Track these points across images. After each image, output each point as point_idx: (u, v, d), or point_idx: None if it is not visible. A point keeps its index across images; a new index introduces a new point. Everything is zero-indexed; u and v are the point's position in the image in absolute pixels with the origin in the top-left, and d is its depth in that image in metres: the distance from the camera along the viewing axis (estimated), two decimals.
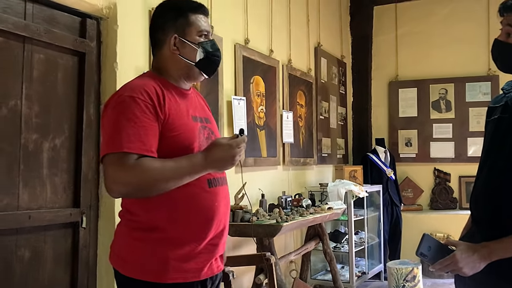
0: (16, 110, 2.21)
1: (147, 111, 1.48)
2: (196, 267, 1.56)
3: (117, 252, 1.60)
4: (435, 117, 6.08)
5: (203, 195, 1.57)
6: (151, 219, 1.54)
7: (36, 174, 2.29)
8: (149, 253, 1.52)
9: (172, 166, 1.47)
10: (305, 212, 3.66)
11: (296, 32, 4.82)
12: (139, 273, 1.52)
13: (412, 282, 4.57)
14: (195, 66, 1.66)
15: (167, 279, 1.51)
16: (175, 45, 1.64)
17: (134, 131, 1.44)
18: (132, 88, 1.52)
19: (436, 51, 6.03)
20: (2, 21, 2.12)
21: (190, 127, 1.60)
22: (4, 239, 2.14)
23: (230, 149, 1.51)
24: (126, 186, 1.44)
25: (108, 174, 1.46)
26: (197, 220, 1.56)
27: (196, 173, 1.51)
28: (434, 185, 6.01)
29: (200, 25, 1.66)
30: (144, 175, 1.43)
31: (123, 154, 1.42)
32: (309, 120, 5.00)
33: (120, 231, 1.62)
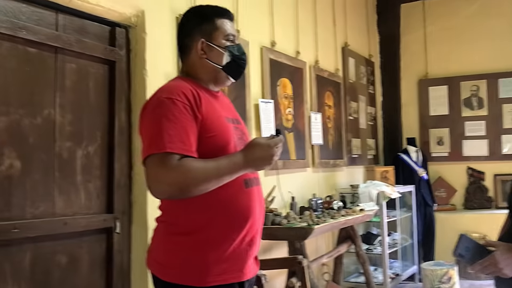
0: (50, 119, 2.26)
1: (185, 112, 1.50)
2: (235, 269, 1.57)
3: (156, 258, 1.61)
4: (467, 114, 5.94)
5: (241, 196, 1.58)
6: (190, 222, 1.55)
7: (70, 181, 2.34)
8: (189, 257, 1.53)
9: (214, 166, 1.48)
10: (337, 214, 3.63)
11: (323, 32, 4.79)
12: (179, 278, 1.53)
13: (447, 283, 4.47)
14: (222, 70, 1.69)
15: (207, 282, 1.52)
16: (203, 50, 1.67)
17: (175, 132, 1.46)
18: (170, 90, 1.54)
19: (466, 47, 5.90)
20: (36, 32, 2.18)
21: (226, 127, 1.62)
22: (42, 245, 2.19)
23: (269, 149, 1.52)
24: (169, 186, 1.44)
25: (151, 174, 1.47)
26: (236, 220, 1.57)
27: (236, 173, 1.52)
28: (468, 184, 5.88)
29: (226, 29, 1.69)
30: (187, 175, 1.44)
31: (165, 155, 1.44)
32: (338, 121, 4.96)
33: (158, 236, 1.63)
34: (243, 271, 1.60)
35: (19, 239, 2.08)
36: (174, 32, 2.88)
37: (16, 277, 2.08)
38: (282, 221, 3.22)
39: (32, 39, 2.17)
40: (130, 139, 2.66)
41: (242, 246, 1.59)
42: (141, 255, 2.60)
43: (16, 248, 2.08)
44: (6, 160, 2.07)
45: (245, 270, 1.61)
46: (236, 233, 1.57)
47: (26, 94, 2.17)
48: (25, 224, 2.10)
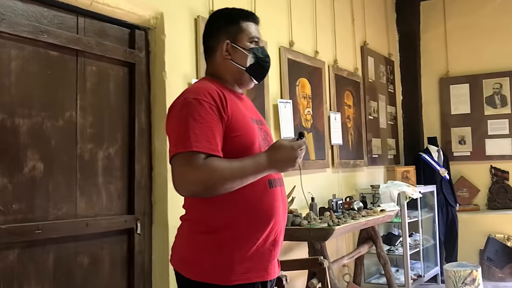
0: (71, 121, 2.29)
1: (211, 112, 1.53)
2: (258, 268, 1.58)
3: (180, 255, 1.63)
4: (489, 113, 5.84)
5: (265, 196, 1.60)
6: (214, 221, 1.56)
7: (92, 182, 2.36)
8: (213, 256, 1.55)
9: (238, 166, 1.50)
10: (357, 215, 3.60)
11: (341, 31, 4.76)
12: (204, 276, 1.55)
13: (471, 285, 4.40)
14: (246, 71, 1.71)
15: (231, 281, 1.54)
16: (227, 51, 1.70)
17: (201, 131, 1.49)
18: (196, 91, 1.57)
19: (488, 44, 5.80)
20: (57, 36, 2.21)
21: (251, 128, 1.64)
22: (65, 246, 2.22)
23: (293, 151, 1.55)
24: (194, 185, 1.46)
25: (177, 173, 1.49)
26: (260, 220, 1.58)
27: (260, 173, 1.54)
28: (491, 184, 5.77)
29: (251, 32, 1.73)
30: (213, 174, 1.46)
31: (191, 153, 1.46)
32: (357, 120, 4.92)
33: (182, 234, 1.65)
34: (268, 271, 1.61)
35: (42, 240, 2.11)
36: (193, 34, 2.89)
37: (40, 277, 2.11)
38: (302, 222, 3.20)
39: (54, 43, 2.20)
40: (150, 140, 2.67)
41: (266, 245, 1.60)
42: (162, 256, 2.61)
43: (39, 249, 2.11)
44: (30, 162, 2.10)
45: (269, 270, 1.62)
46: (260, 232, 1.58)
47: (48, 97, 2.20)
48: (48, 225, 2.12)
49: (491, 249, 5.05)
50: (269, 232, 1.60)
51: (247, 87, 1.80)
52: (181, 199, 1.72)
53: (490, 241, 5.14)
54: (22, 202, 2.06)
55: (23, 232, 2.03)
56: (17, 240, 2.01)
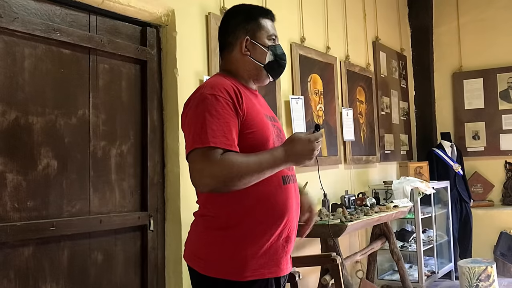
0: (84, 119, 2.30)
1: (228, 108, 1.53)
2: (271, 264, 1.58)
3: (194, 251, 1.63)
4: (504, 107, 5.76)
5: (279, 192, 1.60)
6: (228, 217, 1.57)
7: (105, 179, 2.38)
8: (227, 252, 1.55)
9: (256, 160, 1.50)
10: (370, 211, 3.58)
11: (353, 27, 4.73)
12: (218, 272, 1.55)
13: (486, 281, 4.35)
14: (264, 68, 1.73)
15: (245, 277, 1.54)
16: (247, 47, 1.71)
17: (217, 127, 1.49)
18: (212, 87, 1.57)
19: (502, 38, 5.72)
20: (69, 34, 2.23)
21: (265, 124, 1.64)
22: (79, 243, 2.23)
23: (310, 143, 1.55)
24: (213, 179, 1.46)
25: (195, 168, 1.49)
26: (273, 216, 1.58)
27: (277, 167, 1.54)
28: (506, 179, 5.70)
29: (269, 29, 1.74)
30: (231, 169, 1.46)
31: (208, 149, 1.47)
32: (370, 116, 4.89)
33: (196, 230, 1.65)
34: (280, 267, 1.61)
35: (57, 237, 2.14)
36: (204, 31, 2.89)
37: (54, 274, 2.13)
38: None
39: (66, 41, 2.21)
40: (163, 138, 2.68)
41: (279, 242, 1.60)
42: (175, 252, 2.62)
43: (54, 245, 2.13)
44: (44, 159, 2.12)
45: (282, 266, 1.62)
46: (274, 228, 1.58)
47: (61, 95, 2.21)
48: (62, 222, 2.14)
49: (504, 245, 5.00)
50: (283, 228, 1.60)
51: (262, 84, 1.81)
52: (193, 196, 1.72)
53: (503, 236, 5.08)
54: (37, 200, 2.08)
55: (37, 229, 2.05)
56: (32, 237, 2.03)
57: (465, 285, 4.44)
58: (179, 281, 2.60)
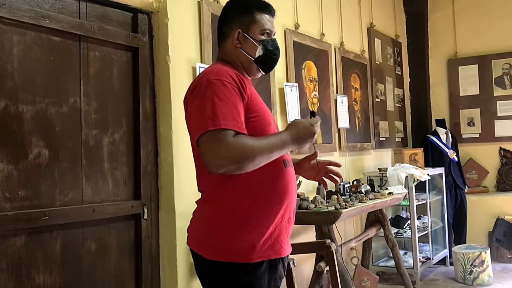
0: (75, 107, 2.27)
1: (234, 92, 1.58)
2: (276, 245, 1.64)
3: (198, 237, 1.66)
4: (499, 94, 5.76)
5: (281, 175, 1.66)
6: (233, 202, 1.60)
7: (97, 168, 2.36)
8: (234, 235, 1.59)
9: (266, 142, 1.55)
10: (365, 198, 3.58)
11: (348, 13, 4.69)
12: (225, 256, 1.58)
13: (480, 267, 4.39)
14: (254, 62, 1.76)
15: (253, 258, 1.58)
16: (238, 40, 1.74)
17: (227, 110, 1.53)
18: (218, 73, 1.61)
19: (497, 24, 5.70)
20: (59, 21, 2.19)
21: (266, 110, 1.70)
22: (72, 232, 2.22)
23: (311, 127, 1.64)
24: (227, 160, 1.49)
25: (208, 150, 1.51)
26: (276, 198, 1.63)
27: (284, 149, 1.60)
28: (501, 166, 5.72)
29: (263, 24, 1.76)
30: (244, 150, 1.50)
31: (221, 131, 1.50)
32: (364, 103, 4.87)
33: (200, 217, 1.68)
34: (284, 247, 1.67)
35: (49, 226, 2.12)
36: (196, 17, 2.85)
37: (47, 263, 2.11)
38: (309, 205, 3.19)
39: (56, 28, 2.18)
40: (155, 126, 2.66)
41: (283, 223, 1.66)
42: (169, 241, 2.61)
43: (46, 235, 2.12)
44: (35, 148, 2.09)
45: (285, 246, 1.68)
46: (278, 210, 1.63)
47: (51, 83, 2.18)
48: (55, 211, 2.13)
49: (500, 230, 5.02)
50: (285, 210, 1.66)
51: (254, 77, 1.84)
52: (187, 185, 1.72)
53: (499, 222, 5.10)
54: (28, 189, 2.06)
55: (30, 219, 2.03)
56: (24, 226, 2.02)
57: (459, 271, 4.48)
58: (173, 270, 2.60)
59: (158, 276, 2.62)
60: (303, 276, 3.62)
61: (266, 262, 1.61)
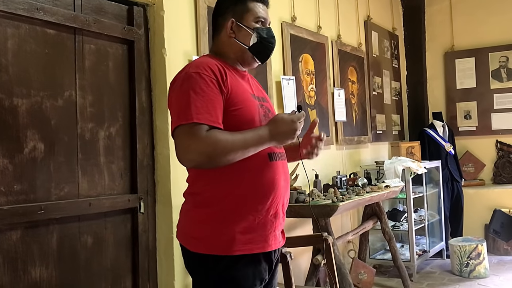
0: (71, 100, 2.26)
1: (212, 85, 1.55)
2: (259, 239, 1.61)
3: (184, 230, 1.66)
4: (495, 87, 5.76)
5: (265, 168, 1.63)
6: (215, 193, 1.60)
7: (93, 162, 2.34)
8: (215, 228, 1.58)
9: (241, 137, 1.53)
10: (362, 191, 3.58)
11: (344, 6, 4.67)
12: (206, 248, 1.58)
13: (476, 259, 4.40)
14: (249, 50, 1.73)
15: (234, 251, 1.57)
16: (232, 29, 1.72)
17: (202, 104, 1.51)
18: (197, 65, 1.60)
19: (494, 17, 5.69)
20: (53, 13, 2.17)
21: (251, 102, 1.66)
22: (68, 226, 2.21)
23: (292, 123, 1.59)
24: (198, 155, 1.49)
25: (180, 144, 1.52)
26: (259, 192, 1.61)
27: (261, 145, 1.58)
28: (497, 158, 5.73)
29: (257, 12, 1.74)
30: (216, 145, 1.49)
31: (193, 125, 1.49)
32: (361, 96, 4.86)
33: (185, 209, 1.68)
34: (268, 242, 1.64)
35: (45, 221, 2.11)
36: (192, 10, 2.83)
37: (43, 257, 2.11)
38: (306, 198, 3.19)
39: (50, 20, 2.16)
40: (152, 119, 2.65)
41: (268, 218, 1.63)
42: (166, 235, 2.61)
43: (42, 229, 2.11)
44: (30, 142, 2.08)
45: (270, 241, 1.64)
46: (261, 204, 1.61)
47: (46, 76, 2.16)
48: (51, 205, 2.12)
49: (497, 222, 5.03)
50: (270, 205, 1.63)
51: (250, 67, 1.81)
52: (184, 178, 1.71)
53: (496, 214, 5.11)
54: (24, 183, 2.05)
55: (25, 213, 2.02)
56: (20, 220, 2.01)
57: (456, 263, 4.49)
58: (170, 263, 2.59)
59: (155, 270, 2.62)
60: (300, 269, 3.62)
61: (248, 256, 1.59)
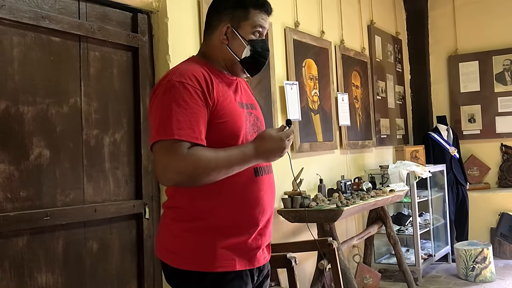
0: (76, 107, 2.28)
1: (196, 97, 1.44)
2: (243, 256, 1.54)
3: (164, 245, 1.57)
4: (500, 90, 5.75)
5: (250, 184, 1.54)
6: (197, 209, 1.51)
7: (98, 168, 2.36)
8: (197, 243, 1.50)
9: (224, 156, 1.44)
10: (366, 196, 3.58)
11: (348, 11, 4.69)
12: (188, 264, 1.50)
13: (482, 263, 4.38)
14: (239, 63, 1.61)
15: (216, 267, 1.49)
16: (226, 35, 1.59)
17: (184, 118, 1.41)
18: (181, 73, 1.47)
19: (498, 20, 5.69)
20: (58, 21, 2.19)
21: (238, 114, 1.56)
22: (74, 232, 2.22)
23: (280, 142, 1.50)
24: (177, 175, 1.39)
25: (159, 161, 1.41)
26: (243, 209, 1.53)
27: (246, 164, 1.49)
28: (502, 162, 5.72)
29: (256, 21, 1.60)
30: (197, 165, 1.39)
31: (174, 141, 1.39)
32: (365, 101, 4.87)
33: (165, 223, 1.59)
34: (252, 260, 1.56)
35: (51, 227, 2.12)
36: (196, 16, 2.85)
37: (49, 264, 2.12)
38: (311, 203, 3.20)
39: (56, 28, 2.18)
40: None
41: (251, 234, 1.55)
42: None
43: (48, 235, 2.12)
44: (36, 149, 2.10)
45: (254, 257, 1.57)
46: (245, 220, 1.53)
47: (51, 84, 2.18)
48: (56, 211, 2.13)
49: (505, 225, 5.01)
50: (254, 220, 1.55)
51: (238, 77, 1.67)
52: None
53: (504, 217, 5.09)
54: (30, 189, 2.07)
55: (31, 219, 2.03)
56: (26, 227, 2.02)
57: (461, 268, 4.47)
58: None
59: (160, 275, 2.62)
60: (305, 274, 3.62)
61: (232, 273, 1.51)
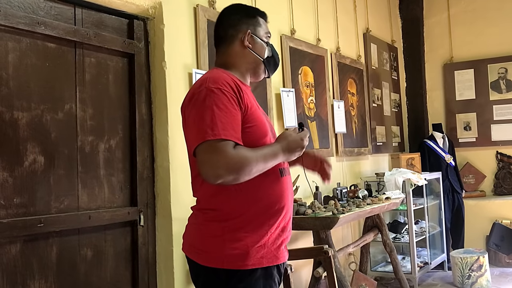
0: (71, 113, 2.27)
1: (233, 102, 1.57)
2: (270, 253, 1.63)
3: (194, 244, 1.66)
4: (495, 98, 5.78)
5: (277, 184, 1.67)
6: (229, 209, 1.61)
7: (93, 175, 2.35)
8: (229, 242, 1.58)
9: (261, 154, 1.56)
10: (362, 203, 3.57)
11: (343, 18, 4.70)
12: (219, 262, 1.58)
13: (478, 271, 4.38)
14: (263, 62, 1.79)
15: (247, 265, 1.58)
16: (248, 40, 1.76)
17: (226, 120, 1.53)
18: (216, 81, 1.59)
19: (493, 29, 5.73)
20: (54, 27, 2.19)
21: (262, 119, 1.70)
22: (68, 239, 2.21)
23: (301, 141, 1.67)
24: (228, 171, 1.48)
25: (208, 160, 1.49)
26: (272, 207, 1.64)
27: (276, 160, 1.62)
28: (497, 170, 5.73)
29: (266, 28, 1.83)
30: (244, 161, 1.50)
31: (220, 141, 1.49)
32: (361, 108, 4.88)
33: (196, 223, 1.68)
34: (278, 255, 1.66)
35: (45, 234, 2.11)
36: (192, 23, 2.85)
37: (43, 271, 2.10)
38: (307, 210, 3.19)
39: (51, 34, 2.17)
40: (152, 132, 2.65)
41: (278, 231, 1.66)
42: (166, 247, 2.60)
43: (42, 242, 2.10)
44: (30, 155, 2.08)
45: (279, 255, 1.67)
46: (273, 219, 1.63)
47: (47, 90, 2.17)
48: (50, 218, 2.11)
49: (497, 235, 5.02)
50: (281, 219, 1.66)
51: (257, 80, 1.85)
52: (184, 191, 1.71)
53: (496, 227, 5.10)
54: (24, 196, 2.05)
55: (25, 226, 2.02)
56: (19, 233, 2.00)
57: (457, 275, 4.47)
58: (170, 276, 2.58)
59: (155, 283, 2.61)
60: (301, 282, 3.60)
61: (260, 269, 1.60)
